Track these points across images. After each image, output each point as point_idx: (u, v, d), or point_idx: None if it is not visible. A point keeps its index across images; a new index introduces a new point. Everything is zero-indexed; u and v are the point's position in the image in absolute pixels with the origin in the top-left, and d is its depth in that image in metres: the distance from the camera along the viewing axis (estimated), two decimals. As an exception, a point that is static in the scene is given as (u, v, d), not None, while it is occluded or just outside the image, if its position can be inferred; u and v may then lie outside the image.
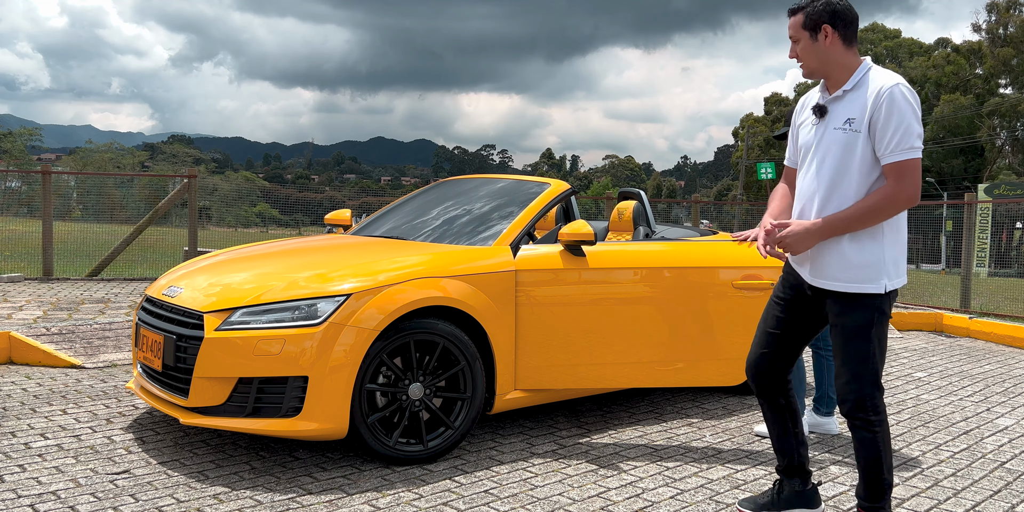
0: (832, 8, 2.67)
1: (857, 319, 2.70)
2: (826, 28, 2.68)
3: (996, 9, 43.60)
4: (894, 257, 2.70)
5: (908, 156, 2.57)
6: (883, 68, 2.72)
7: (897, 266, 2.72)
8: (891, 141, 2.58)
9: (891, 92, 2.59)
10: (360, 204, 26.62)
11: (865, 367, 2.70)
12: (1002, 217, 26.33)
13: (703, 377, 4.11)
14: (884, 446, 2.75)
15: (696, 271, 4.05)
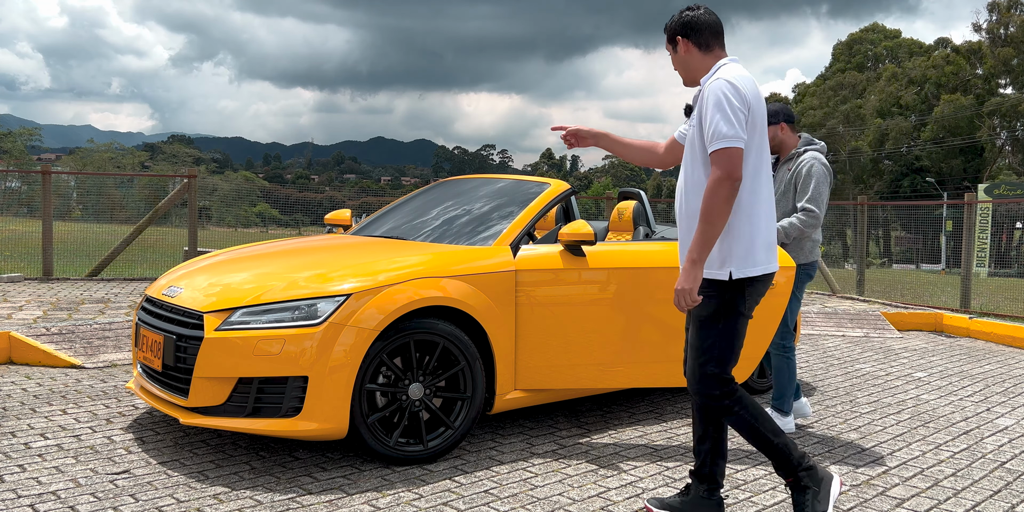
0: (684, 20, 2.89)
1: (706, 307, 2.77)
2: (679, 39, 2.90)
3: (997, 9, 43.58)
4: (744, 246, 2.74)
5: (722, 145, 2.67)
6: (734, 66, 2.82)
7: (747, 255, 2.75)
8: (707, 132, 2.71)
9: (711, 87, 2.73)
10: (360, 204, 26.64)
11: (707, 361, 2.78)
12: (1002, 217, 26.34)
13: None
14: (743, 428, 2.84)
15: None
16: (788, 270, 4.04)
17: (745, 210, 2.76)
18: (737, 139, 2.66)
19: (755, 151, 2.78)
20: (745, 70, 2.84)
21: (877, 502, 3.26)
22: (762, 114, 2.79)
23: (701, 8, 2.91)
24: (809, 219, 4.05)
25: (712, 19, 2.88)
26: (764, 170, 2.83)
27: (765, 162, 2.84)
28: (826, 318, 8.24)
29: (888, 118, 46.93)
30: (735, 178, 2.65)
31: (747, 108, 2.71)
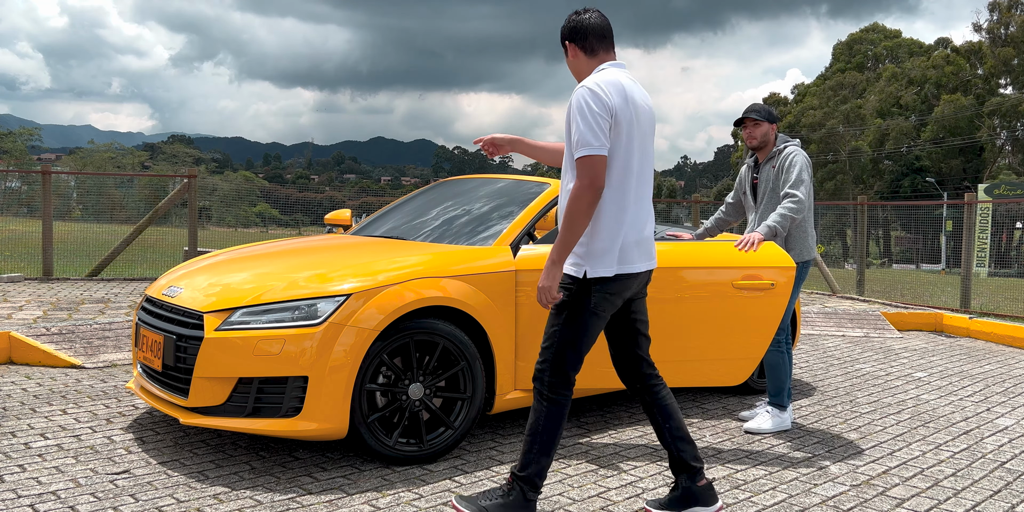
0: (570, 26, 2.93)
1: (561, 298, 2.85)
2: (567, 44, 2.95)
3: (998, 8, 43.58)
4: (604, 247, 2.79)
5: (582, 153, 2.71)
6: (610, 71, 2.85)
7: (604, 256, 2.79)
8: (571, 140, 2.75)
9: (575, 94, 2.77)
10: (360, 204, 26.63)
11: (549, 347, 2.86)
12: (1002, 217, 26.35)
13: (703, 377, 4.11)
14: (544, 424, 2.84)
15: (696, 271, 4.05)
16: (788, 270, 4.05)
17: (609, 213, 2.81)
18: (600, 148, 2.71)
19: (623, 155, 2.81)
20: (624, 75, 2.87)
21: (877, 502, 3.26)
22: (631, 118, 2.80)
23: (590, 12, 2.94)
24: (794, 204, 4.09)
25: (597, 23, 2.91)
26: (637, 173, 2.86)
27: (639, 165, 2.87)
28: (826, 318, 8.24)
29: (888, 118, 46.92)
30: (597, 186, 2.71)
31: (610, 114, 2.74)
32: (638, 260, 2.88)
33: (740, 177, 4.58)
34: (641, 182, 2.88)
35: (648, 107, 2.94)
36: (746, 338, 4.04)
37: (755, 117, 4.32)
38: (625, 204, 2.83)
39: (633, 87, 2.85)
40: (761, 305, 4.02)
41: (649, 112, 2.94)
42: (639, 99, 2.86)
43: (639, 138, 2.85)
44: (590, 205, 2.71)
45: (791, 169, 4.18)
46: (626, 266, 2.84)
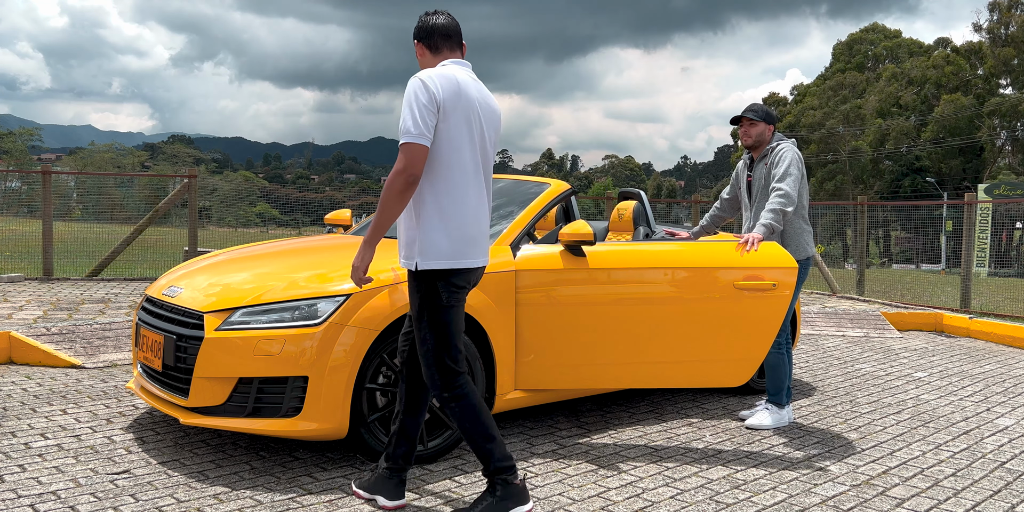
0: (418, 26, 3.05)
1: (414, 300, 2.91)
2: (415, 43, 3.05)
3: (998, 8, 43.57)
4: (432, 238, 2.82)
5: (403, 140, 2.77)
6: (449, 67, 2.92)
7: (433, 247, 2.83)
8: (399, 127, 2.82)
9: (408, 84, 2.85)
10: (360, 204, 26.62)
11: (426, 353, 2.89)
12: (1002, 217, 26.35)
13: (704, 378, 4.10)
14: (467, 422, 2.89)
15: (697, 271, 4.05)
16: (790, 270, 4.04)
17: (442, 205, 2.84)
18: (420, 137, 2.75)
19: (453, 148, 2.84)
20: (463, 71, 2.93)
21: (877, 502, 3.26)
22: (463, 112, 2.84)
23: (438, 14, 3.04)
24: (781, 197, 4.12)
25: (443, 23, 3.01)
26: (474, 168, 2.90)
27: (476, 160, 2.91)
28: (826, 318, 8.24)
29: (888, 118, 46.92)
30: (410, 173, 2.75)
31: (436, 106, 2.79)
32: (474, 255, 2.91)
33: (736, 173, 4.62)
34: (479, 178, 2.93)
35: (491, 107, 2.99)
36: (748, 339, 4.04)
37: (751, 116, 4.36)
38: (460, 198, 2.86)
39: (469, 84, 2.91)
40: (763, 305, 4.02)
41: (491, 111, 2.98)
42: (475, 95, 2.90)
43: (476, 134, 2.90)
44: (401, 191, 2.75)
45: (780, 164, 4.23)
46: (462, 260, 2.87)
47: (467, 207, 2.87)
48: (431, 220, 2.83)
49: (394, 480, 3.04)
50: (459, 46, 3.04)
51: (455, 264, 2.85)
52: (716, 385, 4.13)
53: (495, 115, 3.01)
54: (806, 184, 4.31)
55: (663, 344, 4.01)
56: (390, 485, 3.03)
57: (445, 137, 2.82)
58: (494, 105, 3.03)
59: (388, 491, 3.03)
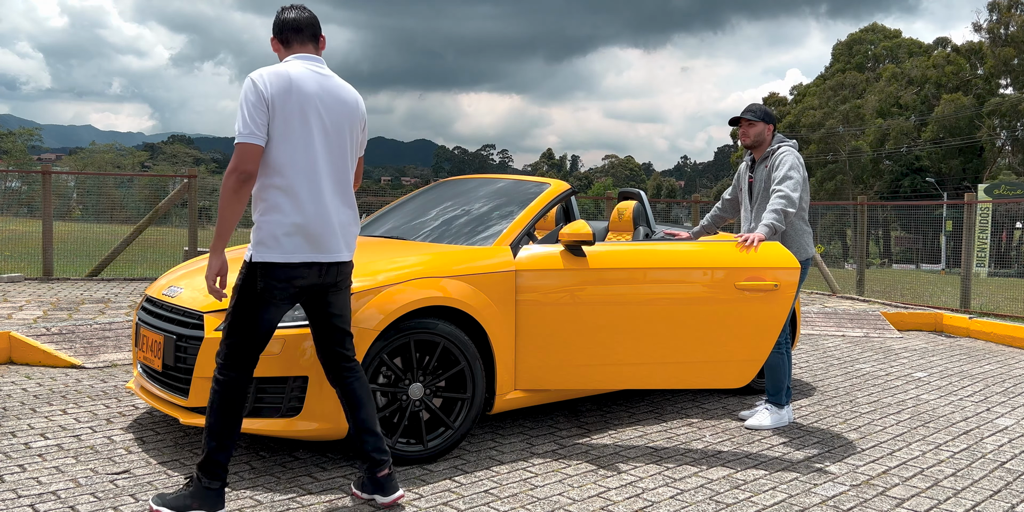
0: (273, 21, 3.08)
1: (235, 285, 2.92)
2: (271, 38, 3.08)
3: (998, 8, 43.56)
4: (267, 234, 2.83)
5: (236, 140, 2.82)
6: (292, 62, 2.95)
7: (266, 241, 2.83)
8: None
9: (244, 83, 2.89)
10: (360, 204, 26.62)
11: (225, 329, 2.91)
12: (1002, 217, 26.35)
13: (704, 379, 4.10)
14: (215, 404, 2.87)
15: (697, 272, 4.05)
16: (791, 271, 4.04)
17: (271, 200, 2.85)
18: (251, 136, 2.78)
19: (289, 144, 2.85)
20: (303, 66, 2.94)
21: (877, 502, 3.26)
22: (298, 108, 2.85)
23: (292, 7, 3.05)
24: (782, 198, 4.14)
25: (292, 17, 3.02)
26: (315, 164, 2.90)
27: (318, 156, 2.91)
28: (826, 318, 8.24)
29: (888, 118, 46.92)
30: (242, 171, 2.78)
31: (266, 105, 2.81)
32: (309, 251, 2.88)
33: (738, 174, 4.62)
34: (323, 174, 2.92)
35: (339, 99, 2.97)
36: (749, 339, 4.04)
37: (749, 117, 4.37)
38: (294, 193, 2.86)
39: (307, 78, 2.90)
40: (764, 306, 4.01)
41: (340, 103, 2.97)
42: (311, 89, 2.89)
43: (316, 128, 2.90)
44: (235, 189, 2.79)
45: (780, 167, 4.24)
46: (292, 255, 2.85)
47: (301, 203, 2.86)
48: (266, 215, 2.85)
49: (383, 476, 3.03)
50: (311, 40, 3.04)
51: (287, 258, 2.85)
52: (717, 386, 4.12)
53: (346, 107, 2.99)
54: (807, 186, 4.31)
55: (663, 344, 4.00)
56: (379, 480, 3.03)
57: (278, 133, 2.83)
58: (345, 96, 3.00)
59: (381, 488, 3.03)
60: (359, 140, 3.11)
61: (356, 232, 3.06)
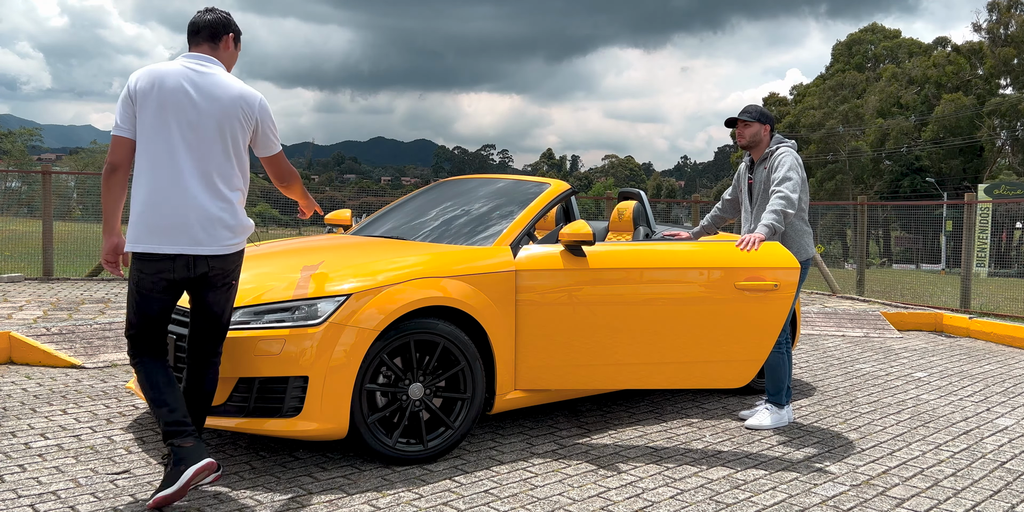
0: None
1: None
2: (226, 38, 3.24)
3: (997, 8, 43.57)
4: (131, 223, 3.01)
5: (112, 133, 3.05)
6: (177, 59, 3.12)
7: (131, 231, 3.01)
8: None
9: None
10: (360, 204, 26.58)
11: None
12: (1002, 217, 26.34)
13: (704, 379, 4.10)
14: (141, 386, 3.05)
15: (697, 272, 4.05)
16: (791, 271, 4.04)
17: (138, 192, 3.01)
18: (117, 128, 3.01)
19: (146, 138, 3.00)
20: (180, 63, 3.09)
21: (877, 502, 3.26)
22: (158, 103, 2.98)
23: (202, 10, 3.23)
24: (781, 199, 4.14)
25: (193, 20, 3.20)
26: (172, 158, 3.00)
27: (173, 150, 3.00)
28: (826, 318, 8.24)
29: (888, 118, 46.93)
30: (109, 162, 3.02)
31: (131, 100, 2.99)
32: (151, 241, 2.97)
33: (738, 175, 4.63)
34: (183, 168, 3.00)
35: (211, 95, 3.04)
36: (750, 339, 4.04)
37: (745, 118, 4.38)
38: (154, 186, 2.98)
39: (175, 74, 3.02)
40: (764, 306, 4.02)
41: (209, 100, 3.03)
42: (171, 85, 3.00)
43: (174, 122, 2.99)
44: (105, 179, 3.01)
45: (779, 168, 4.25)
46: (149, 245, 2.97)
47: (154, 194, 2.97)
48: (131, 206, 3.04)
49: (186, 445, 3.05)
50: (207, 40, 3.17)
51: (146, 248, 2.97)
52: (717, 386, 4.13)
53: (216, 103, 3.04)
54: (806, 187, 4.32)
55: (663, 344, 4.00)
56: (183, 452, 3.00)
57: (140, 127, 3.00)
58: (219, 93, 3.06)
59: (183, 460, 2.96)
60: (243, 137, 3.13)
61: (228, 226, 3.07)
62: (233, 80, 3.13)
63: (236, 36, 3.27)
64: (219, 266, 3.07)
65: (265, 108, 3.17)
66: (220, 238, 3.05)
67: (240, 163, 3.12)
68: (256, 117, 3.14)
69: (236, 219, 3.08)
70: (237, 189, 3.11)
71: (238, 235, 3.10)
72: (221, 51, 3.20)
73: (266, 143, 3.21)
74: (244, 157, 3.14)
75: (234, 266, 3.14)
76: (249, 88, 3.15)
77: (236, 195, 3.10)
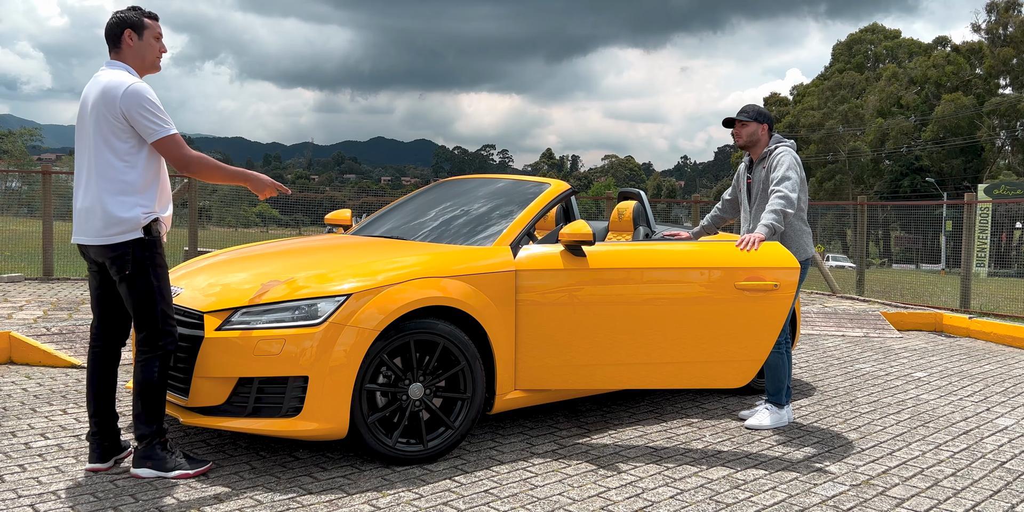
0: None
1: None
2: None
3: (996, 9, 43.59)
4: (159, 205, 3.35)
5: None
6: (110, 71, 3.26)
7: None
8: None
9: None
10: (360, 204, 26.59)
11: None
12: (1002, 217, 26.36)
13: (704, 379, 4.10)
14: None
15: (697, 272, 4.05)
16: (791, 270, 4.03)
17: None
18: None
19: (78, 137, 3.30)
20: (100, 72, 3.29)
21: (877, 502, 3.26)
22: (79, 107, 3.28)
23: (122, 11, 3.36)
24: (781, 199, 4.14)
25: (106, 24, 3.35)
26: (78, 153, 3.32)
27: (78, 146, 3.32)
28: (826, 318, 8.24)
29: (888, 118, 46.93)
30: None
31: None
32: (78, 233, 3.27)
33: (737, 175, 4.63)
34: (79, 163, 3.31)
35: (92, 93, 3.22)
36: (749, 339, 4.04)
37: (742, 118, 4.39)
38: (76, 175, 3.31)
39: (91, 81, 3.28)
40: (764, 306, 4.02)
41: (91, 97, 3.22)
42: (85, 89, 3.28)
43: (78, 123, 3.30)
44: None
45: (779, 168, 4.25)
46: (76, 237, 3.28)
47: (75, 188, 3.29)
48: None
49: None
50: (111, 46, 3.33)
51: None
52: (717, 386, 4.13)
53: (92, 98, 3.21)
54: (805, 186, 4.32)
55: (664, 344, 4.01)
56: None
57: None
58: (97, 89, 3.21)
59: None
60: (109, 127, 3.19)
61: (95, 218, 3.19)
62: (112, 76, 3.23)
63: (135, 27, 3.31)
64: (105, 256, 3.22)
65: (131, 96, 3.16)
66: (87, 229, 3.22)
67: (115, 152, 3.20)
68: (120, 107, 3.16)
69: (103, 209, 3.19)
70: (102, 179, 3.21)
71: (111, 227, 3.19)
72: (124, 50, 3.31)
73: (144, 131, 3.21)
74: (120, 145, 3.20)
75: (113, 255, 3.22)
76: (118, 79, 3.20)
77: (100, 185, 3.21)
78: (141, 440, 3.22)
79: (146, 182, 3.23)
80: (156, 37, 3.36)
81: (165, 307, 3.26)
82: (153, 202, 3.27)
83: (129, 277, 3.20)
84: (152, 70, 3.39)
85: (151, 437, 3.22)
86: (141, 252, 3.20)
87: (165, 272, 3.30)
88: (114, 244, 3.17)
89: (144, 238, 3.21)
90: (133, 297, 3.22)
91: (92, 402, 3.31)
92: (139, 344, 3.25)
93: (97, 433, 3.30)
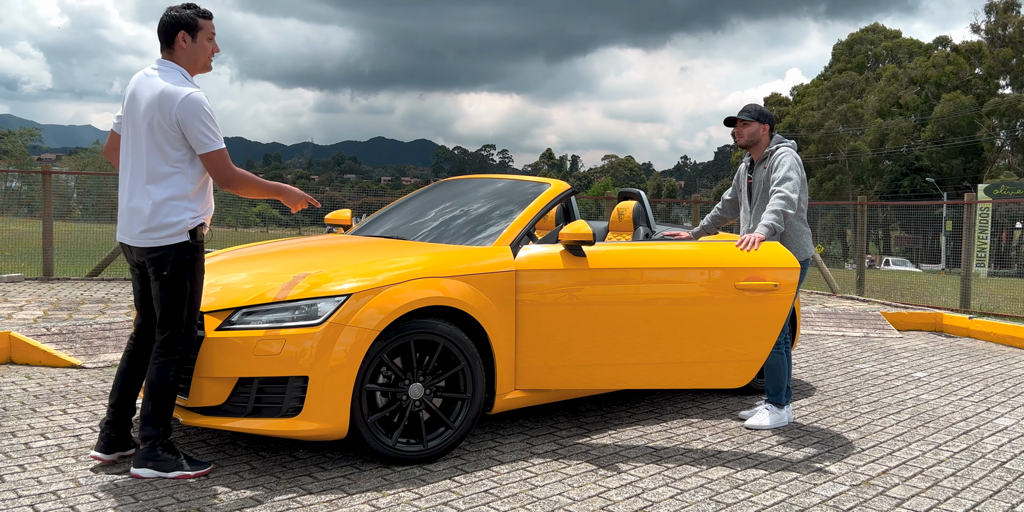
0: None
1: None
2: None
3: (995, 10, 43.61)
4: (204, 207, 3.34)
5: None
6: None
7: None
8: None
9: None
10: (360, 204, 26.59)
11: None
12: (1002, 217, 26.36)
13: (704, 379, 4.10)
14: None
15: (697, 272, 4.05)
16: (791, 270, 4.03)
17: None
18: (113, 125, 3.39)
19: (122, 136, 3.34)
20: (147, 69, 3.29)
21: (877, 502, 3.26)
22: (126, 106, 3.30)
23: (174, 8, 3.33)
24: (781, 199, 4.15)
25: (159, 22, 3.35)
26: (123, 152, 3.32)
27: (125, 145, 3.31)
28: (826, 318, 8.24)
29: (888, 118, 46.93)
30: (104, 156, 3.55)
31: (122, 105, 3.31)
32: (120, 231, 3.31)
33: (737, 175, 4.63)
34: (127, 164, 3.28)
35: (144, 96, 3.21)
36: (749, 339, 4.04)
37: (744, 117, 4.39)
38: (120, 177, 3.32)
39: (136, 79, 3.28)
40: (764, 306, 4.01)
41: (143, 100, 3.21)
42: (132, 89, 3.27)
43: (126, 124, 3.29)
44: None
45: (779, 168, 4.25)
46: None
47: (121, 187, 3.28)
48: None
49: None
50: (165, 44, 3.30)
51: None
52: (717, 386, 4.12)
53: (145, 102, 3.21)
54: (806, 187, 4.32)
55: (664, 345, 4.00)
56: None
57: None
58: (149, 92, 3.21)
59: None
60: (163, 134, 3.18)
61: (141, 220, 3.20)
62: (163, 80, 3.21)
63: (189, 29, 3.27)
64: (147, 256, 3.21)
65: (188, 106, 3.14)
66: (131, 230, 3.23)
67: (167, 158, 3.19)
68: (174, 114, 3.15)
69: (153, 211, 3.18)
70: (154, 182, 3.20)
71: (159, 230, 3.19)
72: (177, 52, 3.28)
73: (194, 142, 3.20)
74: (172, 153, 3.18)
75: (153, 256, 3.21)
76: (176, 86, 3.17)
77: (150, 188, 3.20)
78: (145, 441, 3.22)
79: (197, 188, 3.24)
80: (209, 38, 3.33)
81: (191, 312, 3.25)
82: (203, 207, 3.28)
83: (166, 277, 3.20)
84: (204, 70, 3.36)
85: (155, 439, 3.22)
86: (183, 256, 3.21)
87: (201, 277, 3.30)
88: (158, 246, 3.17)
89: (188, 242, 3.21)
90: (163, 297, 3.21)
91: (117, 391, 3.35)
92: (158, 346, 3.23)
93: (111, 422, 3.32)
